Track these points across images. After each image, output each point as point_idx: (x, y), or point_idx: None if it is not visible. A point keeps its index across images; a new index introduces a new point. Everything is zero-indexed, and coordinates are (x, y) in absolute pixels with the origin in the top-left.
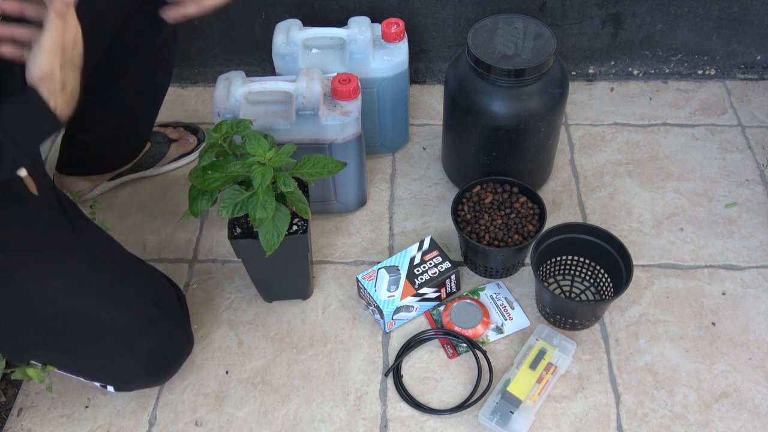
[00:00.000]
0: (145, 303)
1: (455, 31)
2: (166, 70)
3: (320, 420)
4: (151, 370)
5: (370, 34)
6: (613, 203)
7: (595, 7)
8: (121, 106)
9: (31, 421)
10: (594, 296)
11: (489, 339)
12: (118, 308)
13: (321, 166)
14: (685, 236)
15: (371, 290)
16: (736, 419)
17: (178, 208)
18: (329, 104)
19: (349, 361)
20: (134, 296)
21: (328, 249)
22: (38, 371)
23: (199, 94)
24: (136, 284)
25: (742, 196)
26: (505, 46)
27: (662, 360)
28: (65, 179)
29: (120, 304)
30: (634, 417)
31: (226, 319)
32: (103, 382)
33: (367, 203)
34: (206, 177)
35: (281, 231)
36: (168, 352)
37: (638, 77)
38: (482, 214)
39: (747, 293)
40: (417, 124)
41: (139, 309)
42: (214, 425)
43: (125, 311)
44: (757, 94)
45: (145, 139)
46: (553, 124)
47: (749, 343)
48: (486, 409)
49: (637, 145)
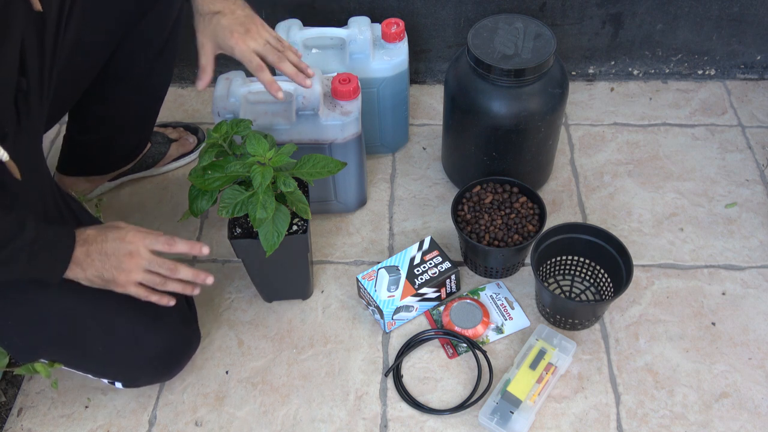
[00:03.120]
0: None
1: (455, 31)
2: (167, 72)
3: (320, 420)
4: (159, 366)
5: (370, 34)
6: (613, 203)
7: (595, 7)
8: (122, 107)
9: (31, 421)
10: (594, 296)
11: (489, 339)
12: (125, 305)
13: (321, 166)
14: (685, 236)
15: (371, 290)
16: (736, 419)
17: (178, 208)
18: (329, 104)
19: (349, 361)
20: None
21: (328, 249)
22: (45, 366)
23: (199, 94)
24: None
25: (742, 196)
26: (505, 46)
27: (662, 360)
28: (66, 180)
29: (127, 300)
30: (634, 417)
31: (226, 319)
32: (112, 378)
33: (367, 203)
34: (206, 177)
35: (281, 231)
36: (175, 347)
37: (638, 77)
38: (482, 214)
39: (747, 293)
40: (417, 124)
41: (146, 305)
42: (214, 425)
43: (132, 308)
44: (757, 94)
45: (145, 140)
46: (553, 124)
47: (749, 343)
48: (486, 409)
49: (637, 145)
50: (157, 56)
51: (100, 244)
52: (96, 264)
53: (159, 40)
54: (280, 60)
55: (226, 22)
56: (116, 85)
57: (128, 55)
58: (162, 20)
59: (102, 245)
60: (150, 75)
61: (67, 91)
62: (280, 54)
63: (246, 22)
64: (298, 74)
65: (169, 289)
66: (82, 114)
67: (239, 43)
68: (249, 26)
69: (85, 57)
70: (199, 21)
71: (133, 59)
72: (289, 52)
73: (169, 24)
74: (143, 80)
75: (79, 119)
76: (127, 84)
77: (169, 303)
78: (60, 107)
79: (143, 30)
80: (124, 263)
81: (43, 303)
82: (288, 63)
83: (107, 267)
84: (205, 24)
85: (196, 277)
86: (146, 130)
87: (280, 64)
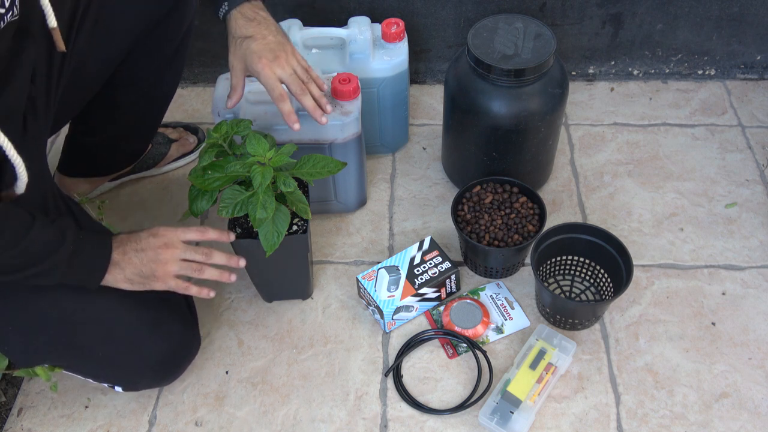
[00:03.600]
0: (152, 303)
1: (455, 31)
2: (175, 79)
3: (320, 420)
4: (159, 370)
5: (370, 34)
6: (613, 203)
7: (595, 7)
8: (127, 112)
9: (31, 421)
10: (594, 296)
11: (489, 339)
12: (125, 310)
13: (321, 166)
14: (685, 236)
15: (371, 290)
16: (736, 419)
17: (178, 208)
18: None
19: (349, 361)
20: (141, 297)
21: (328, 249)
22: (45, 370)
23: (199, 94)
24: None
25: (742, 196)
26: (505, 46)
27: (662, 360)
28: (66, 180)
29: (127, 305)
30: (634, 417)
31: (226, 319)
32: (112, 383)
33: (367, 203)
34: (206, 177)
35: (281, 231)
36: (176, 352)
37: (638, 77)
38: (482, 214)
39: (747, 293)
40: (417, 124)
41: (147, 310)
42: (214, 425)
43: (133, 312)
44: (757, 94)
45: (148, 143)
46: (553, 124)
47: (749, 343)
48: (486, 409)
49: (637, 145)
50: (167, 64)
51: (134, 242)
52: (134, 261)
53: (169, 49)
54: (302, 92)
55: (256, 47)
56: (124, 91)
57: (138, 62)
58: (174, 30)
59: (136, 243)
60: (158, 82)
61: (74, 97)
62: (303, 86)
63: (276, 49)
64: (316, 110)
65: (205, 276)
66: (88, 117)
67: (265, 69)
68: (278, 53)
69: (94, 65)
70: (232, 43)
71: (143, 67)
72: (312, 84)
73: (181, 34)
74: (151, 87)
75: (84, 122)
76: (135, 90)
77: (209, 294)
78: (66, 113)
79: (154, 39)
80: (160, 255)
81: (44, 309)
82: (309, 97)
83: (145, 261)
84: (236, 47)
85: (230, 260)
86: (150, 134)
87: (301, 96)
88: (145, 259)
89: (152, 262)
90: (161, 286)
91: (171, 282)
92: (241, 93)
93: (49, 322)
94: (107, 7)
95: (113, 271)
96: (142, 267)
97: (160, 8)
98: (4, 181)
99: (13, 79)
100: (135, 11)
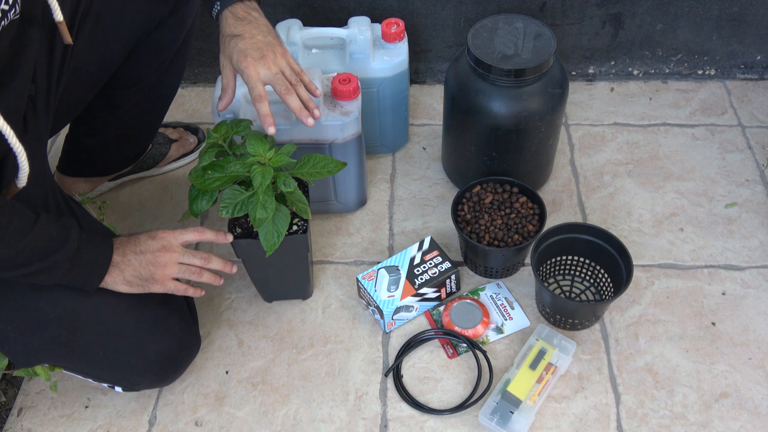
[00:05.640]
0: (152, 303)
1: (455, 31)
2: (176, 80)
3: (320, 420)
4: (159, 371)
5: (370, 34)
6: (613, 203)
7: (595, 7)
8: (127, 112)
9: (31, 421)
10: (594, 296)
11: (489, 339)
12: (125, 310)
13: (321, 166)
14: (685, 236)
15: (371, 290)
16: (736, 419)
17: (178, 208)
18: (329, 104)
19: (349, 361)
20: (141, 297)
21: (328, 249)
22: (45, 370)
23: (199, 94)
24: None
25: (742, 196)
26: (505, 46)
27: (662, 360)
28: (66, 179)
29: (127, 305)
30: (634, 417)
31: (226, 319)
32: (112, 383)
33: (367, 203)
34: (206, 177)
35: (281, 231)
36: (176, 352)
37: (638, 77)
38: (482, 214)
39: (747, 293)
40: (417, 124)
41: (147, 310)
42: (214, 425)
43: (132, 312)
44: (757, 94)
45: (148, 144)
46: (553, 124)
47: (749, 343)
48: (486, 409)
49: (637, 145)
50: (168, 65)
51: (133, 245)
52: (133, 263)
53: (170, 49)
54: (287, 92)
55: (243, 46)
56: (125, 92)
57: (139, 63)
58: (175, 30)
59: (136, 245)
60: (160, 83)
61: (74, 98)
62: (288, 86)
63: (263, 48)
64: (302, 110)
65: (203, 280)
66: (89, 117)
67: (249, 67)
68: (265, 52)
69: (94, 65)
70: (222, 42)
71: (144, 67)
72: (301, 87)
73: (182, 34)
74: (153, 88)
75: (85, 122)
76: (136, 91)
77: (201, 293)
78: (67, 113)
79: (156, 39)
80: (159, 257)
81: (44, 309)
82: (295, 97)
83: (144, 264)
84: (225, 45)
85: (225, 266)
86: (151, 135)
87: (286, 96)
88: (144, 262)
89: (151, 264)
90: (159, 288)
91: (169, 285)
92: (232, 94)
93: (49, 322)
94: (108, 6)
95: (113, 273)
96: (141, 269)
97: (161, 9)
98: (6, 174)
99: (13, 78)
100: (136, 11)
